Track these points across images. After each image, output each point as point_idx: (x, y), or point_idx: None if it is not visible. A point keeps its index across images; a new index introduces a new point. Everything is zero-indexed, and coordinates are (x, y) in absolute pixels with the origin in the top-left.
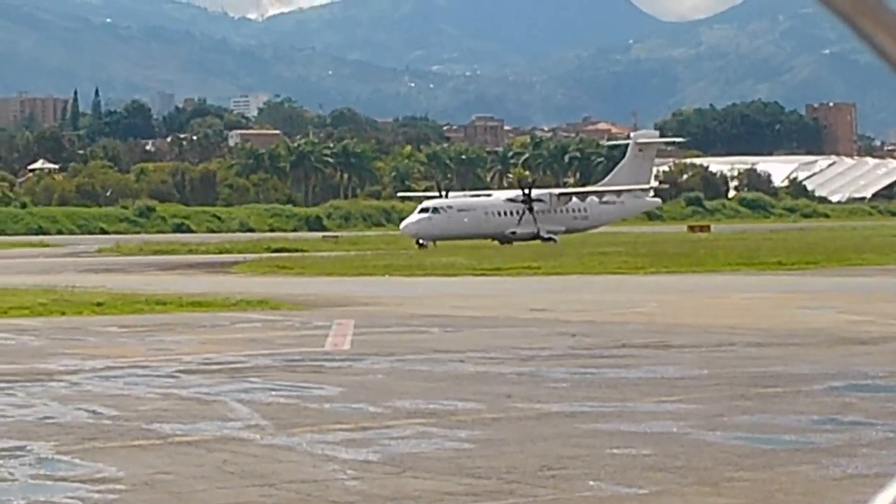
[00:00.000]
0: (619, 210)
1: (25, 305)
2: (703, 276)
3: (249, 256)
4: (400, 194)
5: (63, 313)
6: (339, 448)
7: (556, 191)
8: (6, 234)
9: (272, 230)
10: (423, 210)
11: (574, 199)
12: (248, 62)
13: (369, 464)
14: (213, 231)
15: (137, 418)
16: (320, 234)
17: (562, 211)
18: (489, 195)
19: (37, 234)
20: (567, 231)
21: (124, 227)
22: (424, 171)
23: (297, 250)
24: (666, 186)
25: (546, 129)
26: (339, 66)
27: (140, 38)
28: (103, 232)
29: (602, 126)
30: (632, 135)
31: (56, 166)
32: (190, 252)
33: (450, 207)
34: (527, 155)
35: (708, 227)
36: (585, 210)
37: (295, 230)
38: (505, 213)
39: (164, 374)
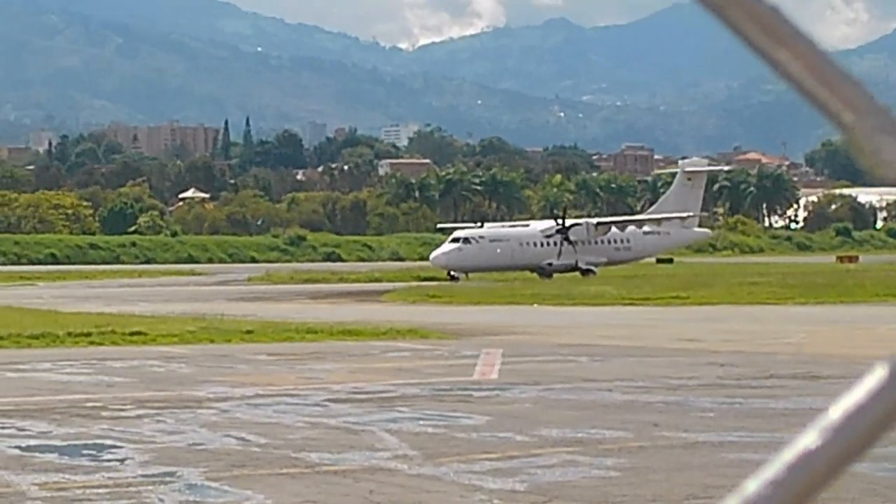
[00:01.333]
0: (664, 241)
1: (175, 333)
2: (852, 306)
3: (399, 285)
4: (439, 226)
5: (212, 341)
6: (486, 477)
7: (594, 220)
8: (157, 263)
9: (422, 259)
10: (454, 240)
11: (614, 228)
12: (398, 92)
13: (516, 493)
14: (363, 260)
15: (286, 446)
16: None
17: (602, 241)
18: (526, 225)
19: (187, 262)
20: (609, 263)
21: (275, 255)
22: (573, 200)
23: (446, 279)
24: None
25: (696, 158)
26: (488, 95)
27: (291, 68)
28: (254, 261)
29: (752, 156)
30: (680, 163)
31: (207, 195)
32: (340, 281)
33: (482, 238)
34: None
35: (856, 258)
36: (628, 241)
37: None
38: (540, 244)
39: (313, 402)
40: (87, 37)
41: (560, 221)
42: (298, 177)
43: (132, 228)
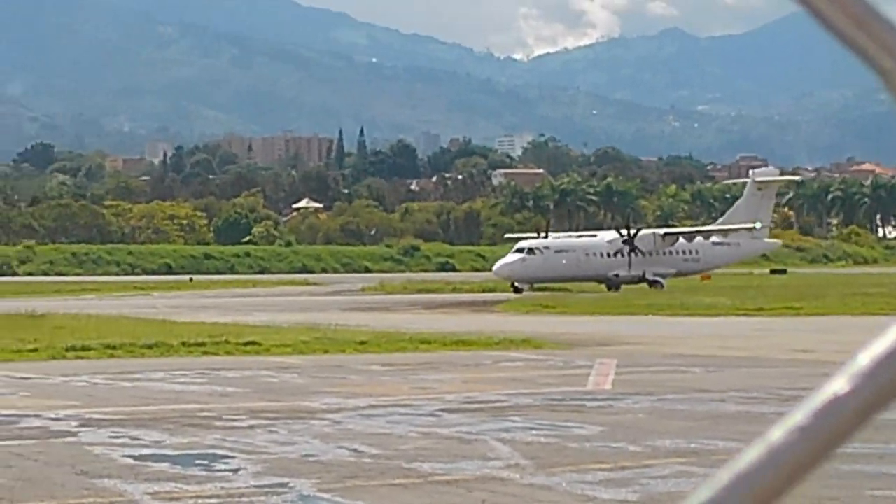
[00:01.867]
0: (733, 252)
1: (288, 343)
2: None
3: (513, 295)
4: (507, 236)
5: (326, 351)
6: (599, 488)
7: (661, 231)
8: (271, 273)
9: None
10: (518, 251)
11: (681, 239)
12: (513, 102)
13: (628, 503)
14: (477, 270)
15: (398, 457)
16: None
17: (670, 253)
18: (593, 235)
19: (301, 272)
20: (678, 274)
21: (388, 265)
22: (688, 210)
23: (560, 289)
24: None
25: (810, 168)
26: (603, 105)
27: (405, 78)
28: (367, 271)
29: (867, 166)
30: (751, 172)
31: (321, 205)
32: (454, 291)
33: (546, 248)
34: (790, 194)
35: None
36: (696, 252)
37: None
38: (607, 255)
39: (426, 412)
40: (202, 47)
41: (626, 232)
42: (412, 187)
43: (246, 239)
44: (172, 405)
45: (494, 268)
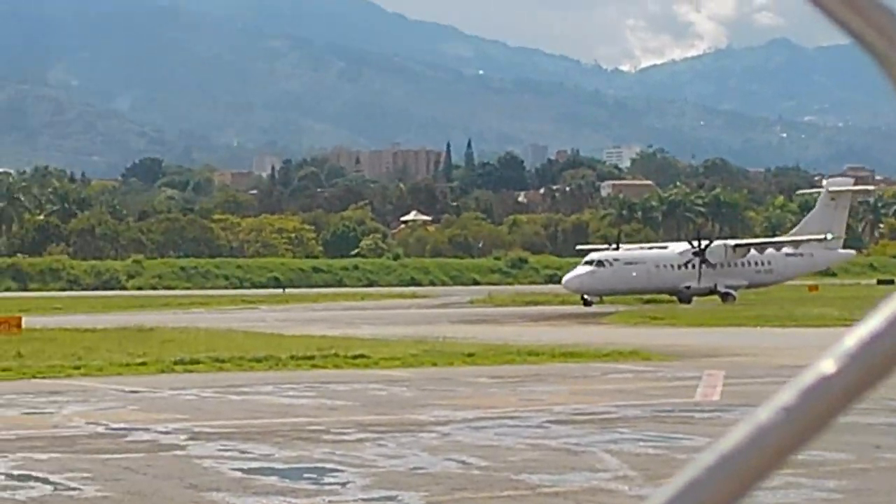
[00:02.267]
0: (807, 263)
1: (397, 356)
2: None
3: (621, 307)
4: (578, 247)
5: (434, 364)
6: None
7: (731, 242)
8: (379, 286)
9: None
10: (588, 263)
11: (753, 251)
12: (620, 114)
13: None
14: None
15: (506, 469)
16: None
17: (742, 264)
18: (664, 247)
19: (409, 285)
20: (750, 286)
21: (496, 278)
22: (796, 221)
23: (667, 301)
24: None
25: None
26: (710, 116)
27: (512, 91)
28: (475, 283)
29: None
30: (824, 182)
31: (429, 218)
32: (562, 303)
33: (616, 260)
34: None
35: None
36: (769, 263)
37: None
38: (677, 267)
39: (534, 424)
40: (309, 61)
41: (696, 243)
42: (520, 199)
43: (354, 251)
44: (281, 418)
45: (563, 280)
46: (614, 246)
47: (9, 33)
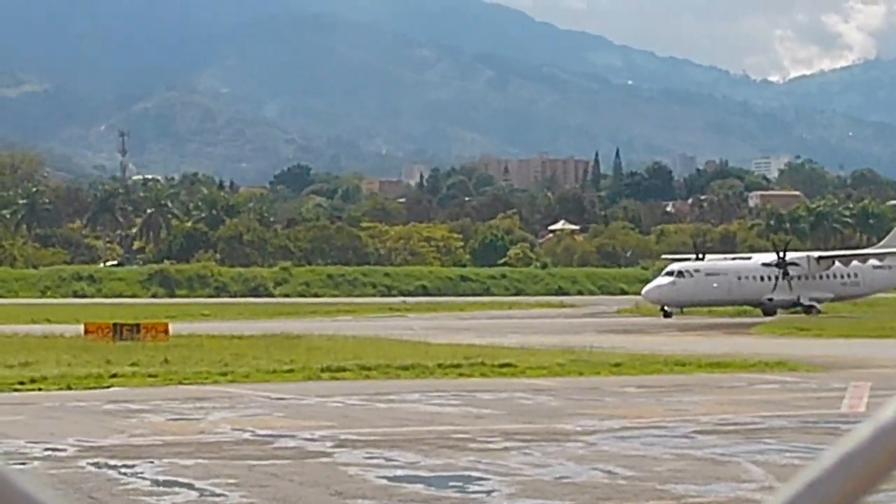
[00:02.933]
0: (893, 276)
1: (544, 365)
2: None
3: (768, 318)
4: (664, 256)
5: (581, 374)
6: None
7: (815, 254)
8: (527, 294)
9: None
10: (669, 273)
11: (837, 263)
12: (769, 124)
13: None
14: None
15: (652, 479)
16: None
17: (827, 276)
18: (748, 258)
19: (557, 294)
20: (836, 299)
21: (644, 288)
22: None
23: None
24: None
25: None
26: (859, 127)
27: (661, 100)
28: (623, 293)
29: None
30: None
31: (577, 227)
32: (709, 313)
33: (697, 271)
34: None
35: None
36: (856, 275)
37: None
38: (762, 278)
39: (680, 434)
40: (458, 69)
41: (781, 255)
42: (668, 209)
43: (502, 260)
44: (427, 426)
45: (643, 291)
46: (700, 256)
47: (158, 41)
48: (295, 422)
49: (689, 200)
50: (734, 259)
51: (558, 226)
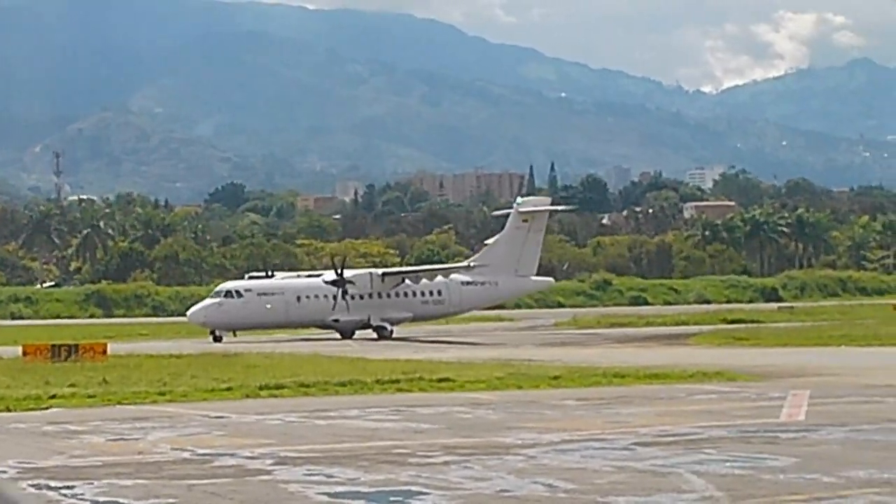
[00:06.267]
0: (489, 292)
1: (482, 379)
2: None
3: (706, 328)
4: (248, 275)
5: (520, 387)
6: None
7: (379, 271)
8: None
9: (728, 301)
10: (216, 294)
11: (407, 280)
12: (702, 135)
13: None
14: (669, 303)
15: (593, 491)
16: (776, 304)
17: (405, 294)
18: (319, 275)
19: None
20: (417, 318)
21: (581, 300)
22: (880, 240)
23: (752, 321)
24: None
25: None
26: (792, 136)
27: (595, 113)
28: (560, 305)
29: None
30: (515, 202)
31: None
32: (647, 324)
33: (248, 290)
34: None
35: None
36: (440, 292)
37: (751, 301)
38: (325, 297)
39: (620, 446)
40: (391, 85)
41: (338, 271)
42: (604, 221)
43: None
44: (367, 442)
45: (189, 312)
46: (270, 274)
47: (92, 61)
48: (234, 440)
49: (625, 212)
50: (307, 276)
51: (492, 240)
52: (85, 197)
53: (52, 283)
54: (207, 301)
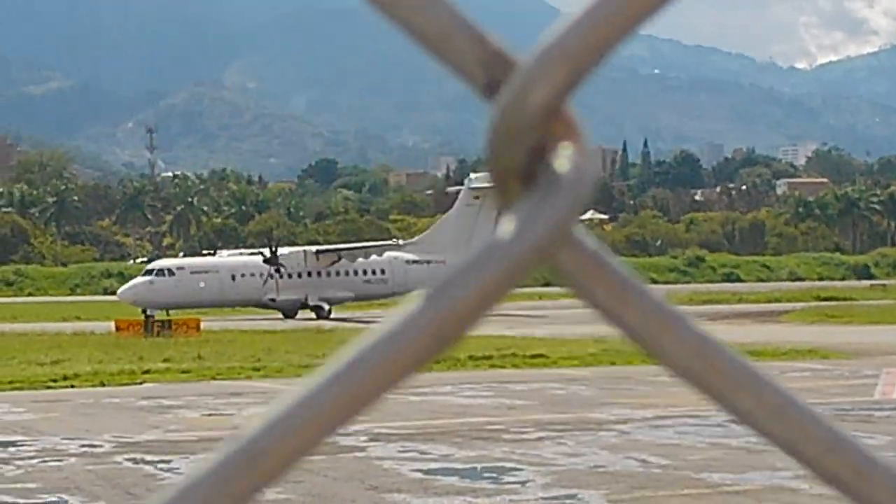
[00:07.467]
0: (436, 272)
1: (576, 355)
2: None
3: (798, 305)
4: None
5: (613, 363)
6: None
7: (312, 248)
8: (556, 285)
9: (820, 279)
10: (148, 272)
11: (343, 258)
12: (796, 111)
13: None
14: (762, 280)
15: (687, 467)
16: (868, 282)
17: (346, 273)
18: (260, 253)
19: None
20: (358, 298)
21: (674, 276)
22: None
23: (845, 299)
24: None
25: None
26: (886, 113)
27: (688, 89)
28: (653, 282)
29: None
30: (467, 178)
31: (605, 216)
32: (739, 301)
33: (181, 269)
34: None
35: None
36: (383, 271)
37: (843, 279)
38: (261, 276)
39: (715, 423)
40: None
41: (272, 251)
42: (696, 197)
43: None
44: (460, 419)
45: (119, 291)
46: (255, 252)
47: (185, 36)
48: None
49: (718, 189)
50: (252, 255)
51: (587, 215)
52: (179, 173)
53: (146, 259)
54: (138, 279)
